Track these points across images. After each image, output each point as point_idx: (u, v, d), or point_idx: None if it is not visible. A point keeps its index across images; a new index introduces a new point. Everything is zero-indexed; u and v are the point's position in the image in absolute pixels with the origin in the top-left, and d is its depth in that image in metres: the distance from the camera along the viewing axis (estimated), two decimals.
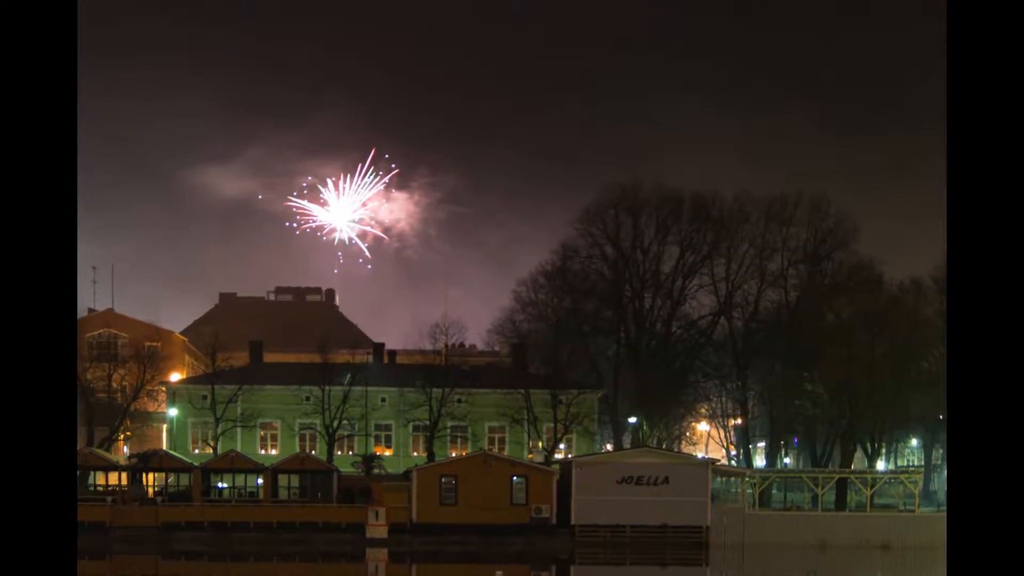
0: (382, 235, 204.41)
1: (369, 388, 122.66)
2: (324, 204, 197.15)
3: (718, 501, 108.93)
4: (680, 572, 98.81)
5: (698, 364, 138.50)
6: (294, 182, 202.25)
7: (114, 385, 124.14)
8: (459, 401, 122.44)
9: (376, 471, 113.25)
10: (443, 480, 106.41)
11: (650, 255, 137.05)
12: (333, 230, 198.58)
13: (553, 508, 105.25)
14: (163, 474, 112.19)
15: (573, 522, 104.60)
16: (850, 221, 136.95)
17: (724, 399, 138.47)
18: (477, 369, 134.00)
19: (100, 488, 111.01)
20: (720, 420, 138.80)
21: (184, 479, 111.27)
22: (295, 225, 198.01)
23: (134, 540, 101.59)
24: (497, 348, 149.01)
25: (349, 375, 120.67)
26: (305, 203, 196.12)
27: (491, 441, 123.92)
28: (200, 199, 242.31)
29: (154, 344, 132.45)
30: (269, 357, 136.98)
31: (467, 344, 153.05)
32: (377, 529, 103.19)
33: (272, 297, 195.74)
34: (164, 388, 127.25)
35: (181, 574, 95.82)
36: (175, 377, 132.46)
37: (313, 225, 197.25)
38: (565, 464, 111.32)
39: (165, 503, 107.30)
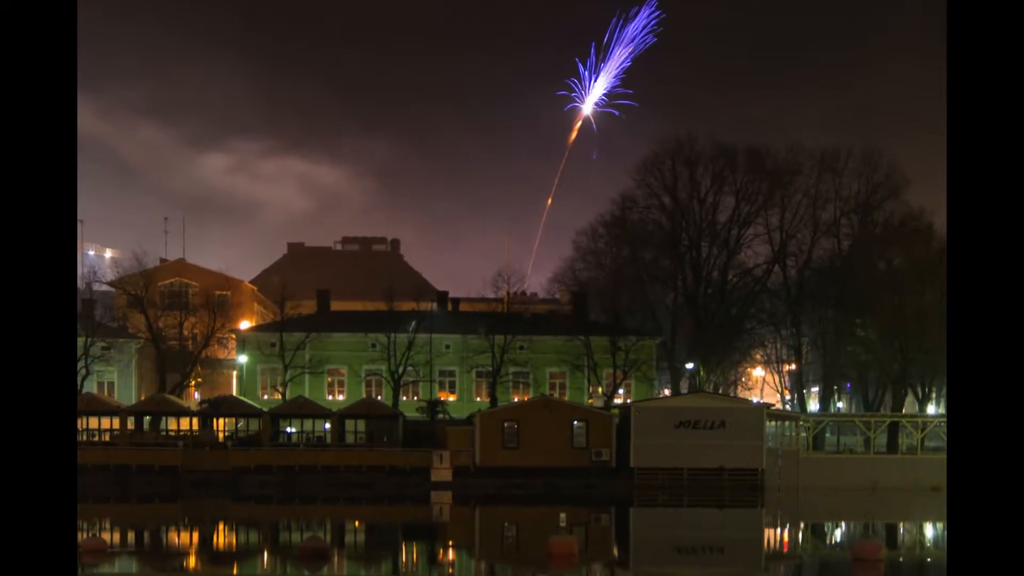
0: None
1: (433, 335, 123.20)
2: None
3: (773, 444, 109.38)
4: (736, 513, 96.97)
5: (753, 311, 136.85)
6: None
7: (185, 333, 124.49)
8: (521, 348, 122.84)
9: (440, 416, 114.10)
10: (505, 425, 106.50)
11: (706, 205, 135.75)
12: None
13: (613, 451, 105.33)
14: (233, 419, 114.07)
15: (632, 465, 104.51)
16: (900, 172, 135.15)
17: (779, 345, 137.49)
18: (538, 316, 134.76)
19: (172, 433, 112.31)
20: (775, 365, 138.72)
21: (253, 424, 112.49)
22: None
23: (204, 484, 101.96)
24: (558, 296, 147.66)
25: (414, 322, 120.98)
26: None
27: (552, 386, 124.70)
28: None
29: (224, 293, 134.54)
30: (336, 305, 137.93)
31: (528, 292, 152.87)
32: (441, 472, 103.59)
33: (339, 247, 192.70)
34: (234, 335, 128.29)
35: (250, 517, 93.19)
36: (244, 325, 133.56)
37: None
38: (624, 409, 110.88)
39: (235, 447, 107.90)
